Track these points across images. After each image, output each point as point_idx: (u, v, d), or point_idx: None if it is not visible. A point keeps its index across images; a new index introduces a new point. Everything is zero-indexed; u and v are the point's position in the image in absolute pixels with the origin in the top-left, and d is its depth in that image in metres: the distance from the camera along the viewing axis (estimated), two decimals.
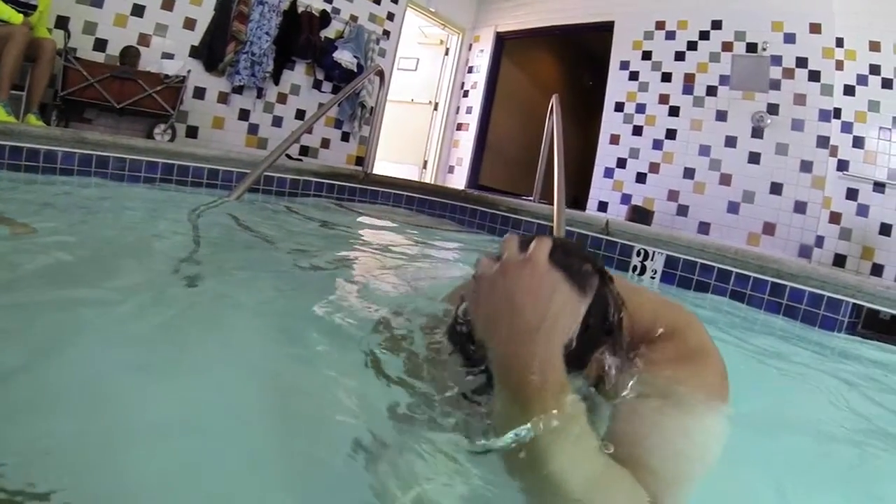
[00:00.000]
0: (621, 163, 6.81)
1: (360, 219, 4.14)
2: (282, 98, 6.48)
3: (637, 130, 6.69)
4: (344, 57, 6.63)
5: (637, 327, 0.94)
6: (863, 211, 5.20)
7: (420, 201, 5.12)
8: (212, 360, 1.14)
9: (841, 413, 1.45)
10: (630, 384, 0.83)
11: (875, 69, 5.18)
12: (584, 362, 0.78)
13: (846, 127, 5.29)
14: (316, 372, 1.14)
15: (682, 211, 6.19)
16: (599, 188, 7.00)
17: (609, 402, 0.82)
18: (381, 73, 5.26)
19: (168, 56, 5.34)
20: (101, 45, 4.98)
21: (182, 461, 0.80)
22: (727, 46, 6.02)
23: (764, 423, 1.14)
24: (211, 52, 5.67)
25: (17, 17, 4.00)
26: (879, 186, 5.14)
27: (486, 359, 0.67)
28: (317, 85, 6.78)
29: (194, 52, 5.60)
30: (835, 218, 5.32)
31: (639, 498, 0.64)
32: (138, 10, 5.16)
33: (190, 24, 5.52)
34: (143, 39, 5.21)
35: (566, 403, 0.62)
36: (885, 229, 5.09)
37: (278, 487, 0.80)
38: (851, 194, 5.26)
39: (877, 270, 5.07)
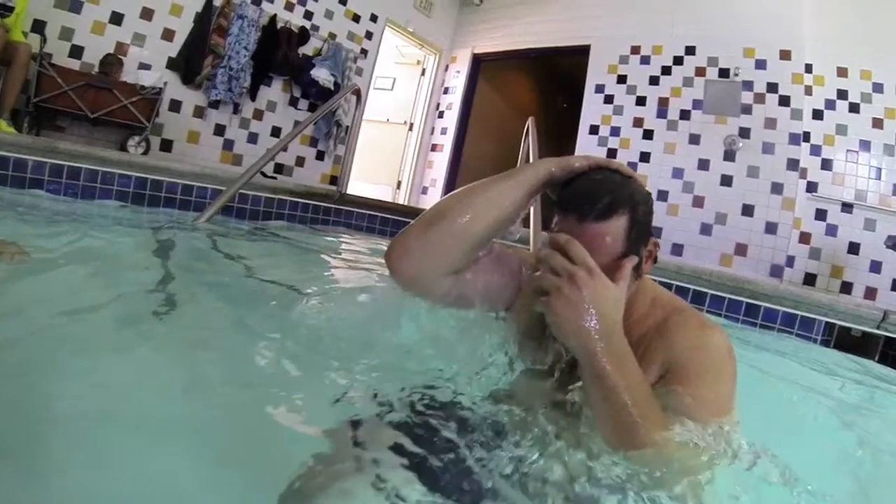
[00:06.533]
0: None
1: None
2: (258, 114, 6.42)
3: (611, 153, 6.74)
4: (321, 74, 6.62)
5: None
6: (831, 231, 5.35)
7: (394, 223, 5.09)
8: (180, 385, 1.11)
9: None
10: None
11: (842, 94, 5.36)
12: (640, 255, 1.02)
13: (815, 150, 5.45)
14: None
15: (656, 233, 6.19)
16: None
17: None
18: (357, 92, 5.24)
19: (145, 67, 5.26)
20: (77, 51, 4.88)
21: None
22: (700, 72, 6.14)
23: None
24: (188, 65, 5.60)
25: None
26: (847, 207, 5.30)
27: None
28: (293, 102, 6.74)
29: (172, 64, 5.52)
30: (805, 238, 5.45)
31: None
32: (117, 19, 5.08)
33: (169, 35, 5.45)
34: (121, 48, 5.11)
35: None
36: (853, 248, 5.25)
37: None
38: (820, 215, 5.40)
39: (846, 288, 5.21)
